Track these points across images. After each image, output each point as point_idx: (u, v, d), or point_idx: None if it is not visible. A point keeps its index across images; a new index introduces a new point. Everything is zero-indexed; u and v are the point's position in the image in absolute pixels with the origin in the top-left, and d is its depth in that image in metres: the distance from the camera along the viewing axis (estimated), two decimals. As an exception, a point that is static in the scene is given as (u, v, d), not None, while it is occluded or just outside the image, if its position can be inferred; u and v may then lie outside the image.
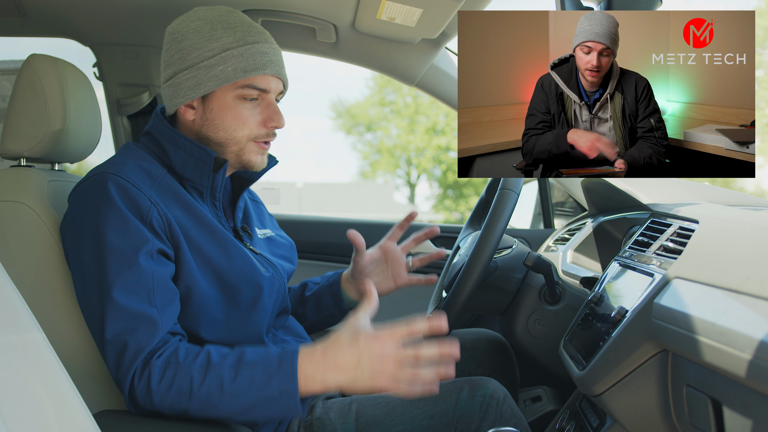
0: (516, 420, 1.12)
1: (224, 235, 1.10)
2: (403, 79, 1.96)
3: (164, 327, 0.96)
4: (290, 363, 0.93)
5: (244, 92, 1.10)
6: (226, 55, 1.09)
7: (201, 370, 0.93)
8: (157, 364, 0.93)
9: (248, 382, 0.92)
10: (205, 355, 0.95)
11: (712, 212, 0.99)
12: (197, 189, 1.13)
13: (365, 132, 23.79)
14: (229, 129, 1.11)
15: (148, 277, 0.97)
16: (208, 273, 1.07)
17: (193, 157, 1.10)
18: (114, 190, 1.00)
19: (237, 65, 1.09)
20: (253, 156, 1.14)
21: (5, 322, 0.67)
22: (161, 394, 0.92)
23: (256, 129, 1.12)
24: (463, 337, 1.45)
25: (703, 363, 0.71)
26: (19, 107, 1.18)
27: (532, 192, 2.39)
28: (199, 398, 0.92)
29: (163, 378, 0.92)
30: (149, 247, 0.98)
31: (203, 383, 0.92)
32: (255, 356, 0.95)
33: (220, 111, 1.11)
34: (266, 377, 0.93)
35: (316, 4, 1.63)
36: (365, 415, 1.13)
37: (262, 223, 1.35)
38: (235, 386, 0.92)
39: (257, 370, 0.93)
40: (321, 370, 0.93)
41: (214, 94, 1.11)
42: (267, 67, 1.11)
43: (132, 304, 0.94)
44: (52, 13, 1.76)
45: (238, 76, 1.09)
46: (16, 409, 0.63)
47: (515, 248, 1.44)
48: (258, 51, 1.11)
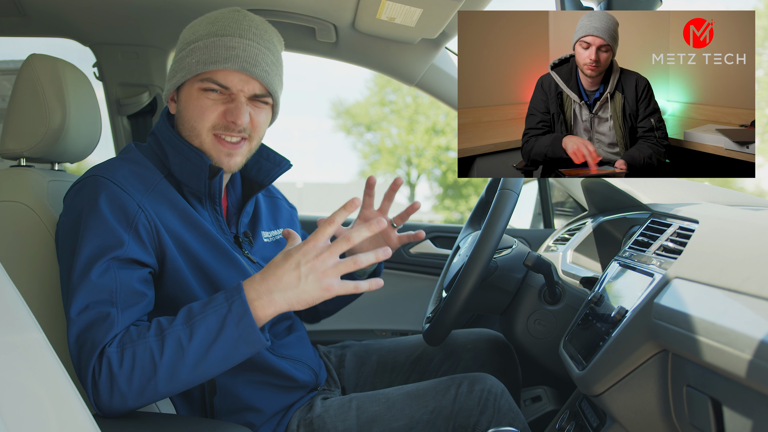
0: (513, 415, 1.13)
1: (220, 243, 1.10)
2: (403, 79, 1.95)
3: (121, 324, 0.94)
4: (238, 297, 0.92)
5: (204, 85, 1.07)
6: (195, 47, 1.09)
7: (156, 338, 0.91)
8: (111, 350, 0.91)
9: (205, 331, 0.91)
10: (155, 324, 0.93)
11: (712, 212, 0.99)
12: (195, 194, 1.12)
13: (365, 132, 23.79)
14: (191, 120, 1.09)
15: (111, 280, 0.96)
16: (202, 280, 1.07)
17: (190, 162, 1.09)
18: (101, 194, 1.00)
19: (200, 57, 1.07)
20: (215, 153, 1.10)
21: (5, 322, 0.67)
22: (126, 377, 0.89)
23: (214, 119, 1.08)
24: (464, 337, 1.45)
25: (703, 363, 0.70)
26: (19, 107, 1.18)
27: (532, 192, 2.39)
28: (165, 366, 0.90)
29: (123, 359, 0.90)
30: (120, 252, 0.97)
31: (163, 350, 0.90)
32: (202, 306, 0.93)
33: (186, 102, 1.10)
34: (220, 320, 0.91)
35: (316, 4, 1.63)
36: (365, 411, 1.13)
37: (275, 223, 1.32)
38: (195, 340, 0.90)
39: (209, 318, 0.91)
40: (267, 291, 0.92)
41: (184, 86, 1.11)
42: (228, 61, 1.06)
43: (92, 304, 0.94)
44: (52, 13, 1.76)
45: (199, 68, 1.07)
46: (16, 409, 0.63)
47: (515, 248, 1.44)
48: (223, 44, 1.07)
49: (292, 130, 44.57)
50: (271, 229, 1.30)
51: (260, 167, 1.24)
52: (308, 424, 1.14)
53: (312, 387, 1.24)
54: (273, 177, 1.23)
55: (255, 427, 1.13)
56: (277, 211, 1.36)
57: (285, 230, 1.02)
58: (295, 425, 1.15)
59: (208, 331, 0.91)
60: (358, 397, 1.18)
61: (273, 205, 1.36)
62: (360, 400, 1.16)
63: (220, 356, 0.91)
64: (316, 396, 1.23)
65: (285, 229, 1.03)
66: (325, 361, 1.41)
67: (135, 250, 0.99)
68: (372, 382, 1.41)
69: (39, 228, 1.11)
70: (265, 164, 1.24)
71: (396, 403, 1.14)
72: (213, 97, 1.08)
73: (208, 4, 1.67)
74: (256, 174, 1.24)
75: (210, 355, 0.91)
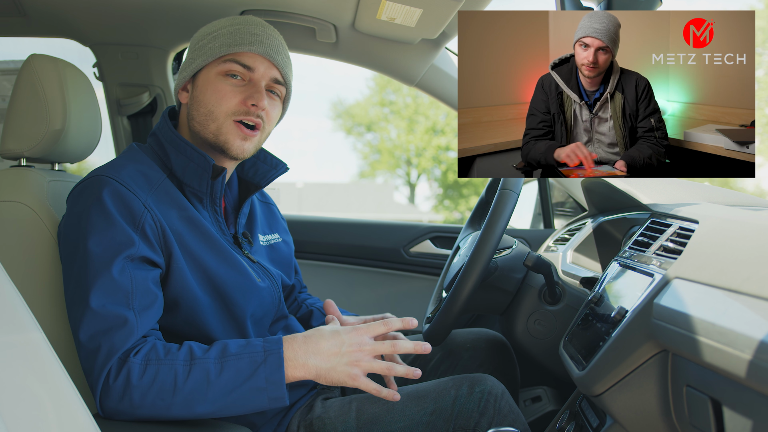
0: (514, 416, 1.13)
1: (220, 244, 1.10)
2: (403, 79, 1.96)
3: (140, 330, 0.95)
4: (276, 352, 0.95)
5: (227, 67, 1.10)
6: (217, 33, 1.12)
7: (185, 364, 0.92)
8: (135, 361, 0.91)
9: (235, 373, 0.92)
10: (187, 349, 0.94)
11: (712, 212, 0.99)
12: (196, 194, 1.12)
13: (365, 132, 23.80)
14: (208, 104, 1.11)
15: (127, 280, 0.96)
16: (202, 280, 1.07)
17: (192, 162, 1.10)
18: (107, 194, 1.00)
19: (224, 41, 1.11)
20: (231, 137, 1.11)
21: (5, 322, 0.67)
22: (142, 390, 0.90)
23: (234, 105, 1.10)
24: (463, 337, 1.45)
25: (703, 363, 0.70)
26: (20, 107, 1.18)
27: (532, 192, 2.39)
28: (184, 393, 0.91)
29: (144, 374, 0.91)
30: (132, 251, 0.97)
31: (189, 377, 0.91)
32: (239, 348, 0.95)
33: (204, 87, 1.12)
34: (252, 367, 0.93)
35: (316, 4, 1.63)
36: (365, 413, 1.13)
37: (270, 228, 1.34)
38: (222, 378, 0.92)
39: (243, 361, 0.93)
40: (303, 354, 0.96)
41: (201, 72, 1.13)
42: (254, 45, 1.11)
43: (108, 306, 0.94)
44: (52, 13, 1.76)
45: (224, 50, 1.10)
46: (16, 409, 0.63)
47: (515, 248, 1.44)
48: (247, 31, 1.12)
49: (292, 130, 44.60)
50: (266, 233, 1.31)
51: (257, 169, 1.25)
52: (308, 425, 1.14)
53: (312, 385, 1.24)
54: (269, 179, 1.25)
55: (256, 427, 1.13)
56: (272, 217, 1.37)
57: (329, 316, 1.14)
58: (295, 426, 1.15)
59: (238, 374, 0.93)
60: (358, 398, 1.18)
61: (268, 211, 1.38)
62: (360, 401, 1.16)
63: (239, 401, 0.93)
64: (316, 395, 1.23)
65: (330, 315, 1.13)
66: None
67: (145, 249, 0.99)
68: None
69: (39, 228, 1.11)
70: (261, 166, 1.25)
71: (396, 405, 1.14)
72: (233, 82, 1.11)
73: (209, 5, 1.67)
74: (252, 176, 1.26)
75: (231, 397, 0.92)
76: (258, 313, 1.15)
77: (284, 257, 1.32)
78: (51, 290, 1.10)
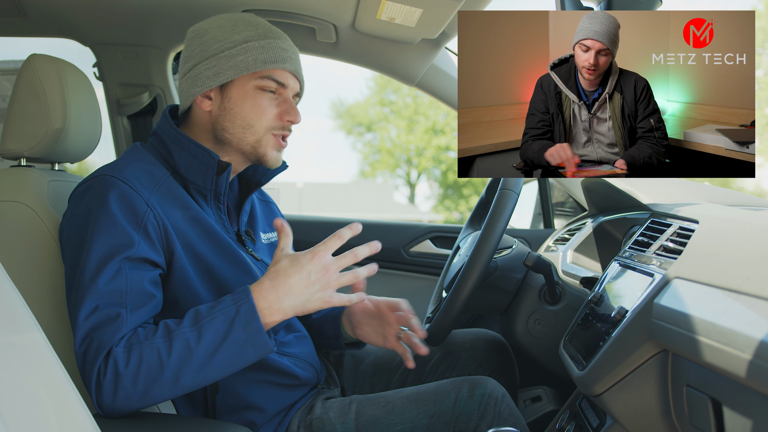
0: (514, 419, 1.12)
1: (224, 241, 1.10)
2: (403, 79, 1.96)
3: (129, 326, 0.95)
4: (246, 301, 0.94)
5: (263, 83, 1.12)
6: (248, 46, 1.12)
7: (164, 339, 0.92)
8: (118, 350, 0.91)
9: (213, 333, 0.92)
10: (162, 325, 0.94)
11: (712, 212, 0.99)
12: (200, 192, 1.13)
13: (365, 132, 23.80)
14: (247, 117, 1.12)
15: (123, 281, 0.96)
16: (205, 278, 1.07)
17: (196, 159, 1.10)
18: (110, 193, 1.00)
19: (258, 56, 1.11)
20: (270, 150, 1.15)
21: (5, 322, 0.67)
22: (131, 377, 0.90)
23: (273, 120, 1.14)
24: (463, 337, 1.45)
25: (703, 363, 0.71)
26: (20, 107, 1.18)
27: (532, 192, 2.39)
28: (171, 367, 0.91)
29: (129, 360, 0.91)
30: (131, 252, 0.98)
31: (171, 350, 0.91)
32: (209, 309, 0.95)
33: (240, 99, 1.12)
34: (228, 323, 0.93)
35: (316, 4, 1.63)
36: (365, 414, 1.13)
37: (270, 226, 1.34)
38: (203, 342, 0.92)
39: (217, 321, 0.93)
40: (276, 298, 0.95)
41: (233, 83, 1.13)
42: (286, 62, 1.13)
43: (102, 306, 0.94)
44: (52, 13, 1.76)
45: (258, 66, 1.11)
46: (16, 409, 0.63)
47: (515, 248, 1.44)
48: (278, 46, 1.14)
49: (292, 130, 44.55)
50: (267, 232, 1.31)
51: (257, 167, 1.25)
52: (308, 426, 1.14)
53: (313, 384, 1.24)
54: (269, 177, 1.25)
55: (256, 426, 1.13)
56: (271, 215, 1.37)
57: (278, 221, 1.03)
58: (295, 426, 1.15)
59: (216, 333, 0.92)
60: (358, 399, 1.18)
61: (267, 209, 1.38)
62: (359, 403, 1.16)
63: (227, 359, 0.93)
64: (316, 395, 1.23)
65: (278, 219, 1.04)
66: (324, 360, 1.41)
67: (145, 249, 0.99)
68: (370, 381, 1.41)
69: (39, 228, 1.11)
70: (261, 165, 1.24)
71: (396, 407, 1.14)
72: (270, 97, 1.13)
73: (209, 5, 1.67)
74: (252, 174, 1.26)
75: (217, 357, 0.92)
76: None
77: None
78: (51, 290, 1.10)
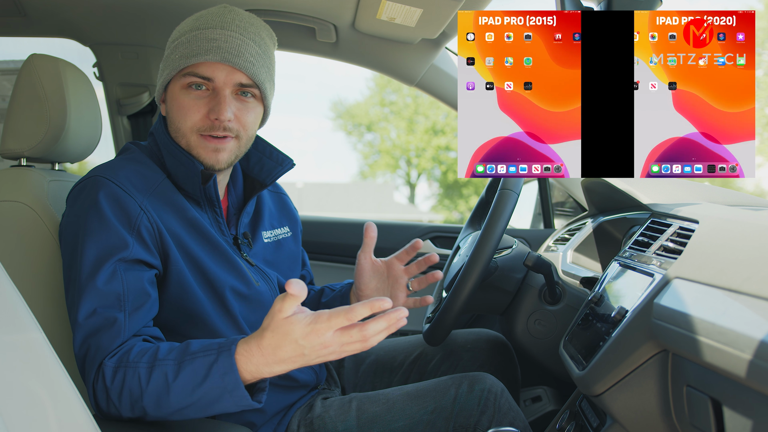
0: (514, 414, 1.13)
1: (219, 245, 1.09)
2: (403, 79, 1.96)
3: (129, 330, 0.95)
4: (227, 352, 0.88)
5: (187, 80, 1.05)
6: (178, 42, 1.07)
7: (147, 367, 0.90)
8: (109, 364, 0.91)
9: (190, 374, 0.88)
10: (153, 351, 0.92)
11: (712, 212, 0.99)
12: (193, 198, 1.11)
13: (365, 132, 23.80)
14: (174, 120, 1.08)
15: (119, 283, 0.96)
16: (202, 281, 1.07)
17: (183, 166, 1.08)
18: (103, 195, 1.00)
19: (182, 52, 1.06)
20: (202, 151, 1.06)
21: (5, 322, 0.67)
22: (116, 393, 0.90)
23: (198, 121, 1.05)
24: (464, 337, 1.45)
25: (703, 363, 0.71)
26: (20, 107, 1.18)
27: (532, 192, 2.39)
28: (150, 395, 0.89)
29: (115, 377, 0.91)
30: (126, 254, 0.97)
31: (150, 379, 0.89)
32: (198, 347, 0.91)
33: (171, 103, 1.09)
34: (206, 367, 0.88)
35: (316, 4, 1.63)
36: (365, 412, 1.13)
37: (280, 222, 1.31)
38: (180, 380, 0.88)
39: (197, 362, 0.89)
40: (265, 366, 0.88)
41: (169, 85, 1.09)
42: (210, 53, 1.03)
43: (100, 309, 0.94)
44: (52, 13, 1.76)
45: (182, 63, 1.05)
46: (16, 409, 0.63)
47: (515, 248, 1.44)
48: (204, 37, 1.05)
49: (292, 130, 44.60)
50: (274, 228, 1.28)
51: (263, 166, 1.22)
52: (308, 424, 1.14)
53: (313, 386, 1.24)
54: (275, 176, 1.21)
55: (256, 426, 1.13)
56: (283, 208, 1.34)
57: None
58: (295, 425, 1.15)
59: (194, 374, 0.88)
60: (358, 397, 1.18)
61: (279, 202, 1.34)
62: (360, 401, 1.16)
63: (205, 402, 0.89)
64: (316, 395, 1.23)
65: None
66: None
67: (140, 251, 0.99)
68: (371, 381, 1.41)
69: (40, 228, 1.11)
70: (267, 163, 1.22)
71: (396, 404, 1.14)
72: (195, 95, 1.05)
73: (209, 5, 1.67)
74: (258, 172, 1.23)
75: (194, 397, 0.89)
76: (253, 318, 1.14)
77: (290, 253, 1.30)
78: (51, 290, 1.10)
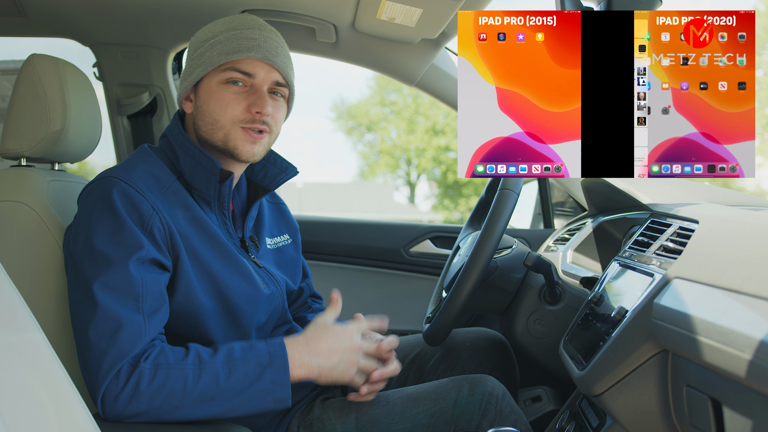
0: (515, 417, 1.12)
1: (227, 248, 1.10)
2: (403, 79, 1.96)
3: (149, 334, 0.95)
4: (281, 355, 0.98)
5: (227, 75, 1.09)
6: (214, 41, 1.11)
7: (195, 368, 0.94)
8: (146, 365, 0.92)
9: (242, 376, 0.95)
10: (194, 353, 0.96)
11: (712, 212, 0.99)
12: (204, 198, 1.12)
13: (366, 132, 23.81)
14: (213, 114, 1.10)
15: (138, 283, 0.96)
16: (207, 285, 1.07)
17: (201, 165, 1.10)
18: (116, 195, 1.00)
19: (221, 49, 1.10)
20: (240, 143, 1.11)
21: (5, 322, 0.67)
22: (150, 395, 0.91)
23: (240, 113, 1.10)
24: (463, 336, 1.45)
25: (703, 363, 0.71)
26: (20, 107, 1.18)
27: (532, 192, 2.39)
28: (193, 396, 0.92)
29: (155, 378, 0.91)
30: (142, 253, 0.97)
31: (199, 381, 0.93)
32: (244, 351, 0.98)
33: (207, 97, 1.11)
34: (258, 370, 0.96)
35: (316, 4, 1.63)
36: (365, 414, 1.13)
37: (279, 229, 1.33)
38: (231, 382, 0.94)
39: (250, 365, 0.96)
40: (307, 355, 1.01)
41: (203, 81, 1.12)
42: (252, 50, 1.09)
43: (118, 309, 0.94)
44: (52, 13, 1.76)
45: (222, 59, 1.09)
46: (16, 409, 0.63)
47: (515, 248, 1.44)
48: (244, 36, 1.10)
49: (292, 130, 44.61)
50: (275, 236, 1.30)
51: (266, 172, 1.24)
52: (308, 426, 1.14)
53: (313, 386, 1.24)
54: (278, 183, 1.24)
55: (256, 428, 1.13)
56: (281, 217, 1.36)
57: (335, 294, 1.14)
58: (295, 427, 1.15)
59: (245, 377, 0.96)
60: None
61: (278, 211, 1.36)
62: (359, 403, 1.16)
63: (246, 403, 0.96)
64: (316, 396, 1.23)
65: (334, 292, 1.13)
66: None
67: (154, 252, 0.99)
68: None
69: (40, 228, 1.11)
70: (271, 169, 1.24)
71: (396, 407, 1.14)
72: (235, 90, 1.10)
73: (209, 5, 1.67)
74: (261, 179, 1.25)
75: (238, 399, 0.95)
76: (261, 319, 1.15)
77: (291, 260, 1.31)
78: (51, 290, 1.10)
